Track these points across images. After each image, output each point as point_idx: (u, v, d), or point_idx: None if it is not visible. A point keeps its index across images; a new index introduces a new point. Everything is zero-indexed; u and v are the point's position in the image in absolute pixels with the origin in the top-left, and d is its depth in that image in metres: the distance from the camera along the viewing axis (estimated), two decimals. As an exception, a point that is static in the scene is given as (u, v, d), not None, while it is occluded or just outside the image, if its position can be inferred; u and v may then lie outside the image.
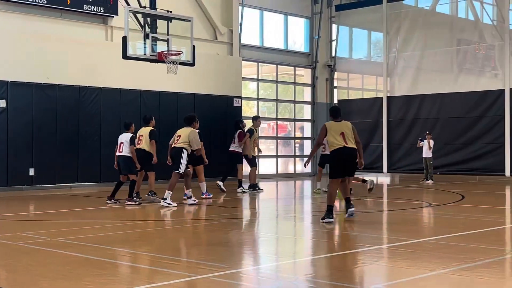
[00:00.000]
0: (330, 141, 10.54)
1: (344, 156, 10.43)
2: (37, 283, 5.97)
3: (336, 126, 10.61)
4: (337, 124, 10.65)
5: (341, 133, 10.51)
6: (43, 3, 17.46)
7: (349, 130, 10.61)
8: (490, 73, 23.39)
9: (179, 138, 13.27)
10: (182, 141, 13.13)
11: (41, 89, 17.42)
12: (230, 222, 11.09)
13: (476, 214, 11.79)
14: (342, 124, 10.65)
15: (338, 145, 10.42)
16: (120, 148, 13.36)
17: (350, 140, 10.53)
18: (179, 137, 13.26)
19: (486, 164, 21.64)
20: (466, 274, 6.37)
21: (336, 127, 10.58)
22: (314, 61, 25.55)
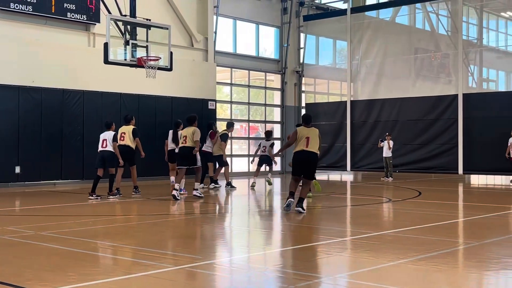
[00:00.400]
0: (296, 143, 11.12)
1: (302, 158, 11.01)
2: (23, 274, 5.88)
3: (304, 131, 11.12)
4: (306, 129, 11.16)
5: (306, 137, 11.02)
6: (29, 11, 17.20)
7: (316, 136, 11.13)
8: (445, 80, 23.63)
9: (186, 138, 13.55)
10: (190, 140, 13.49)
11: (27, 92, 17.17)
12: (205, 217, 11.06)
13: (432, 209, 11.92)
14: (310, 130, 11.15)
15: (299, 148, 11.03)
16: (103, 144, 13.46)
17: (313, 145, 11.02)
18: (186, 137, 13.55)
19: (441, 163, 21.87)
20: (423, 264, 6.43)
21: (304, 132, 11.10)
22: (283, 67, 25.59)
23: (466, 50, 22.52)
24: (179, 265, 6.29)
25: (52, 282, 5.55)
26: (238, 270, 6.47)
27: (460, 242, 8.17)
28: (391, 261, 6.56)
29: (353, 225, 10.07)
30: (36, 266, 6.27)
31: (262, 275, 6.15)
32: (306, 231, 9.35)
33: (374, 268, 6.27)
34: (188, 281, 5.84)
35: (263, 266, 6.69)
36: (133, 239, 8.37)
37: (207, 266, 6.42)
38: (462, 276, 6.13)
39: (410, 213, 11.30)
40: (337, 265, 6.62)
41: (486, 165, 20.82)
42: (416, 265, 6.40)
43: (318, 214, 11.59)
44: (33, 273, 5.93)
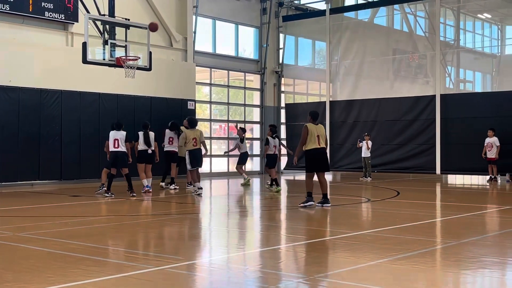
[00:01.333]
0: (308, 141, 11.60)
1: (318, 155, 11.61)
2: (2, 276, 5.82)
3: (315, 128, 11.62)
4: (315, 126, 11.67)
5: (317, 135, 11.54)
6: (6, 10, 17.01)
7: (323, 134, 11.75)
8: (423, 80, 23.85)
9: (195, 141, 14.16)
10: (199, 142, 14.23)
11: (4, 91, 16.98)
12: (184, 217, 11.04)
13: (410, 209, 12.03)
14: (319, 127, 11.70)
15: (314, 145, 11.57)
16: (115, 144, 13.89)
17: (323, 142, 11.69)
18: (195, 140, 14.17)
19: (419, 163, 22.05)
20: (403, 263, 6.49)
21: (314, 129, 11.60)
22: (262, 67, 25.62)
23: (444, 51, 22.76)
24: (159, 266, 6.28)
25: (31, 283, 5.51)
26: (218, 270, 6.47)
27: (438, 242, 8.25)
28: (370, 261, 6.61)
29: (332, 225, 10.13)
30: (15, 267, 6.21)
31: (242, 276, 6.16)
32: (285, 231, 9.38)
33: (354, 268, 6.32)
34: (168, 282, 5.82)
35: (243, 266, 6.70)
36: (113, 240, 8.33)
37: (187, 267, 6.41)
38: (441, 275, 6.20)
39: (389, 213, 11.39)
40: (316, 265, 6.64)
41: (463, 165, 21.05)
42: (395, 264, 6.46)
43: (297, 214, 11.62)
44: (12, 274, 5.87)
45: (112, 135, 14.03)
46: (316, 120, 11.83)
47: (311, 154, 11.63)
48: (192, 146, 14.24)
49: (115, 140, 13.91)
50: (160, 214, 11.39)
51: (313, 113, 11.96)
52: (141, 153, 14.97)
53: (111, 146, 13.98)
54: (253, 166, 25.80)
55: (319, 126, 11.75)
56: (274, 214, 11.88)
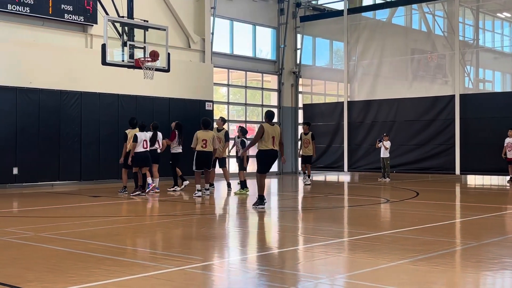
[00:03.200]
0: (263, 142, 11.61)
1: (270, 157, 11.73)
2: (23, 275, 5.88)
3: (270, 129, 11.63)
4: (272, 127, 11.69)
5: (272, 136, 11.58)
6: (26, 12, 17.20)
7: (278, 134, 11.73)
8: (441, 80, 23.70)
9: (206, 142, 14.12)
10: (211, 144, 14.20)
11: (25, 93, 17.16)
12: (203, 218, 11.07)
13: (429, 210, 11.96)
14: (275, 128, 11.73)
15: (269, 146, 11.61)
16: (144, 145, 14.42)
17: (277, 143, 11.71)
18: (206, 141, 14.10)
19: (438, 164, 21.91)
20: (423, 264, 6.46)
21: (271, 131, 11.62)
22: (280, 68, 25.62)
23: (463, 51, 22.58)
24: (179, 266, 6.31)
25: (53, 283, 5.56)
26: (237, 270, 6.49)
27: (458, 243, 8.19)
28: (390, 262, 6.58)
29: (351, 226, 10.09)
30: (37, 267, 6.27)
31: (260, 276, 6.16)
32: (304, 232, 9.37)
33: (373, 269, 6.29)
34: (188, 282, 5.85)
35: (261, 267, 6.70)
36: (133, 240, 8.38)
37: (206, 267, 6.44)
38: (461, 276, 6.16)
39: (408, 214, 11.33)
40: (335, 266, 6.63)
41: (482, 166, 20.88)
42: (416, 265, 6.42)
43: (315, 214, 11.61)
44: (33, 274, 5.93)
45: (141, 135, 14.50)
46: (271, 120, 11.85)
47: (264, 154, 11.63)
48: (201, 147, 14.13)
49: (144, 140, 14.45)
50: (179, 215, 11.43)
51: (268, 114, 12.01)
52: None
53: (141, 147, 14.40)
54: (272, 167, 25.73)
55: (275, 127, 11.77)
56: (292, 214, 11.88)
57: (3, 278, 5.77)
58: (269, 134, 11.57)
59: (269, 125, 11.72)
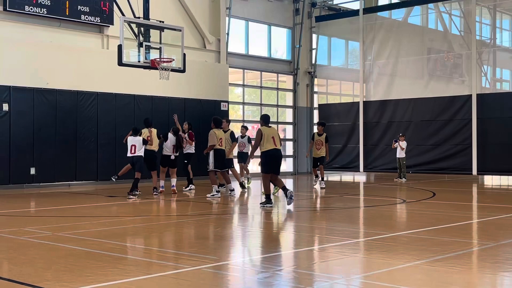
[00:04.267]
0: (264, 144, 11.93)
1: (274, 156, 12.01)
2: (41, 275, 5.94)
3: (268, 130, 12.02)
4: (269, 129, 12.09)
5: (272, 136, 11.94)
6: (43, 13, 17.35)
7: (277, 135, 12.16)
8: (458, 80, 23.54)
9: (221, 141, 14.26)
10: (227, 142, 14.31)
11: (42, 93, 17.31)
12: (219, 218, 11.10)
13: (446, 210, 11.89)
14: (272, 130, 12.12)
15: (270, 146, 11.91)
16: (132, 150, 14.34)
17: (279, 143, 12.08)
18: (221, 140, 14.26)
19: (455, 164, 21.77)
20: (440, 265, 6.42)
21: (268, 132, 11.99)
22: (295, 68, 25.60)
23: (480, 50, 22.42)
24: (195, 266, 6.33)
25: (70, 282, 5.61)
26: (252, 271, 6.50)
27: (476, 243, 8.14)
28: (407, 262, 6.56)
29: (367, 226, 10.06)
30: (54, 266, 6.33)
31: (276, 276, 6.17)
32: (320, 232, 9.36)
33: (390, 270, 6.27)
34: (204, 282, 5.87)
35: (277, 267, 6.71)
36: (149, 239, 8.42)
37: (222, 267, 6.46)
38: (479, 277, 6.12)
39: (425, 214, 11.27)
40: (351, 266, 6.62)
41: (500, 166, 20.71)
42: (432, 266, 6.40)
43: (331, 214, 11.59)
44: (51, 273, 5.99)
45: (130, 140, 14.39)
46: (267, 123, 12.24)
47: (269, 154, 11.97)
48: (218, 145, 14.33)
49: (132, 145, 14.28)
50: (194, 215, 11.47)
51: (263, 117, 12.40)
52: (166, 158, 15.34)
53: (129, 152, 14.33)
54: (287, 167, 25.79)
55: (271, 128, 12.24)
56: (308, 214, 11.87)
57: (22, 277, 5.83)
58: (268, 135, 11.96)
59: (266, 127, 12.12)
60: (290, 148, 25.78)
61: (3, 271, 6.31)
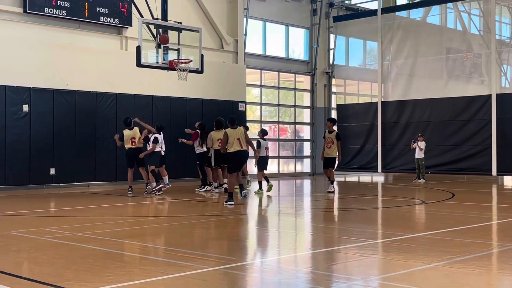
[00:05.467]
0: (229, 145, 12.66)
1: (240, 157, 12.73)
2: (62, 274, 6.00)
3: (234, 132, 12.67)
4: (234, 131, 12.70)
5: (237, 138, 12.62)
6: (62, 15, 17.50)
7: (242, 135, 12.76)
8: (477, 80, 23.35)
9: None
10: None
11: (61, 94, 17.47)
12: (237, 218, 11.12)
13: (466, 211, 11.80)
14: (237, 131, 12.72)
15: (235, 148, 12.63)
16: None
17: (244, 143, 12.77)
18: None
19: (474, 164, 21.59)
20: (460, 267, 6.38)
21: (233, 134, 12.66)
22: (313, 68, 25.56)
23: (499, 50, 22.21)
24: (214, 266, 6.36)
25: (90, 282, 5.65)
26: (271, 271, 6.50)
27: (496, 244, 8.07)
28: (426, 264, 6.52)
29: (386, 227, 10.02)
30: (74, 266, 6.38)
31: (294, 277, 6.17)
32: (337, 233, 9.34)
33: (409, 271, 6.24)
34: (223, 282, 5.89)
35: (295, 267, 6.71)
36: (168, 240, 8.47)
37: (241, 267, 6.47)
38: (499, 278, 6.07)
39: (444, 215, 11.20)
40: (370, 268, 6.60)
41: (520, 166, 20.51)
42: (452, 267, 6.35)
43: (349, 215, 11.56)
44: (71, 273, 6.04)
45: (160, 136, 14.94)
46: (234, 125, 12.81)
47: (234, 155, 12.69)
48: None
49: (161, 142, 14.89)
50: (213, 215, 11.50)
51: (230, 119, 12.99)
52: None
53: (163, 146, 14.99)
54: (303, 168, 25.76)
55: (237, 129, 12.78)
56: (326, 215, 11.85)
57: (42, 276, 5.89)
58: (233, 137, 12.66)
59: (232, 129, 12.75)
60: (308, 149, 25.74)
61: (24, 270, 6.39)
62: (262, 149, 15.96)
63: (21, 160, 16.66)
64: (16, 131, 16.59)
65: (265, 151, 16.12)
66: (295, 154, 25.66)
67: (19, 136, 16.64)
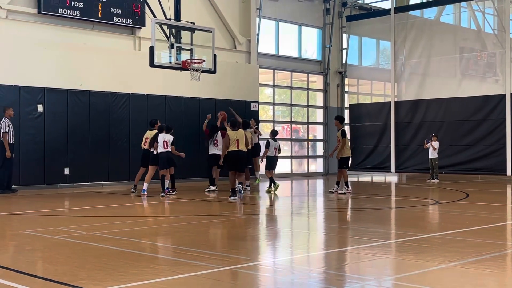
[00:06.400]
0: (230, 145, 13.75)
1: (234, 156, 13.69)
2: (76, 273, 6.03)
3: (233, 134, 13.76)
4: (234, 132, 13.79)
5: (236, 139, 13.66)
6: (76, 16, 17.60)
7: (242, 137, 13.80)
8: (492, 79, 23.18)
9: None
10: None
11: (75, 95, 17.57)
12: (249, 218, 11.13)
13: (480, 211, 11.73)
14: (237, 133, 13.80)
15: (232, 148, 13.71)
16: (165, 146, 14.48)
17: (243, 144, 13.80)
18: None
19: (488, 164, 21.45)
20: (474, 267, 6.34)
21: (233, 135, 13.75)
22: (326, 68, 25.51)
23: (514, 49, 22.03)
24: (227, 266, 6.36)
25: (104, 281, 5.68)
26: (283, 271, 6.50)
27: (511, 245, 8.01)
28: (440, 264, 6.49)
29: (399, 228, 9.98)
30: (88, 266, 6.42)
31: (306, 277, 6.16)
32: (350, 233, 9.31)
33: (423, 271, 6.21)
34: (236, 282, 5.90)
35: (307, 267, 6.70)
36: (181, 239, 8.48)
37: (254, 267, 6.47)
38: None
39: (458, 215, 11.13)
40: (383, 268, 6.58)
41: (535, 166, 20.34)
42: (466, 268, 6.31)
43: (362, 216, 11.52)
44: (86, 272, 6.07)
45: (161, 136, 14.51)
46: (235, 127, 13.92)
47: (230, 155, 13.84)
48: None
49: (164, 141, 14.45)
50: (225, 215, 11.52)
51: (231, 122, 14.19)
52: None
53: (161, 148, 14.48)
54: (317, 167, 25.73)
55: (238, 131, 13.87)
56: (339, 215, 11.82)
57: (57, 276, 5.93)
58: (232, 138, 13.72)
59: (232, 131, 13.82)
60: (321, 149, 25.69)
61: (39, 270, 6.43)
62: (271, 149, 16.07)
63: (36, 160, 16.78)
64: (31, 131, 16.71)
65: (274, 151, 16.14)
66: (308, 154, 25.62)
67: (33, 136, 16.75)
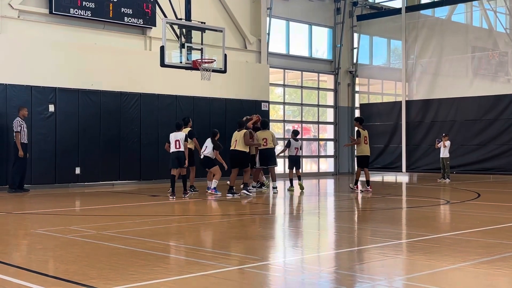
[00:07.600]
0: None
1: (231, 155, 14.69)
2: (87, 272, 6.05)
3: (235, 134, 14.52)
4: (237, 133, 14.50)
5: (235, 140, 14.45)
6: (87, 16, 17.68)
7: (240, 138, 14.41)
8: (504, 78, 23.04)
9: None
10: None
11: (86, 94, 17.64)
12: (260, 218, 11.12)
13: (492, 211, 11.65)
14: (239, 133, 14.47)
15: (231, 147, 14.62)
16: (176, 145, 13.99)
17: (240, 144, 14.43)
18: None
19: (500, 164, 21.32)
20: (485, 267, 6.30)
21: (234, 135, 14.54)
22: (336, 67, 25.46)
23: (526, 48, 21.90)
24: (237, 265, 6.36)
25: (114, 280, 5.69)
26: (294, 271, 6.49)
27: (522, 246, 7.95)
28: (451, 264, 6.45)
29: (410, 227, 9.93)
30: (99, 265, 6.43)
31: (317, 277, 6.15)
32: (361, 233, 9.28)
33: (434, 272, 6.18)
34: (246, 281, 5.89)
35: (318, 267, 6.69)
36: (191, 239, 8.49)
37: (264, 267, 6.46)
38: (526, 280, 5.97)
39: (469, 215, 11.07)
40: (394, 268, 6.54)
41: (547, 166, 20.19)
42: (477, 268, 6.27)
43: (373, 215, 11.49)
44: (96, 271, 6.09)
45: (172, 135, 14.09)
46: (241, 127, 14.65)
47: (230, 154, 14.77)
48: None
49: (176, 140, 13.94)
50: (236, 214, 11.51)
51: (238, 122, 15.05)
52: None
53: (173, 147, 14.01)
54: (328, 167, 25.69)
55: (240, 132, 14.52)
56: (350, 215, 11.79)
57: (67, 275, 5.95)
58: (234, 138, 14.57)
59: (237, 131, 14.59)
60: (331, 148, 25.64)
61: (50, 268, 6.46)
62: (292, 149, 16.17)
63: (47, 159, 16.87)
64: (42, 130, 16.80)
65: (295, 151, 16.17)
66: (319, 154, 25.59)
67: (45, 135, 16.85)
